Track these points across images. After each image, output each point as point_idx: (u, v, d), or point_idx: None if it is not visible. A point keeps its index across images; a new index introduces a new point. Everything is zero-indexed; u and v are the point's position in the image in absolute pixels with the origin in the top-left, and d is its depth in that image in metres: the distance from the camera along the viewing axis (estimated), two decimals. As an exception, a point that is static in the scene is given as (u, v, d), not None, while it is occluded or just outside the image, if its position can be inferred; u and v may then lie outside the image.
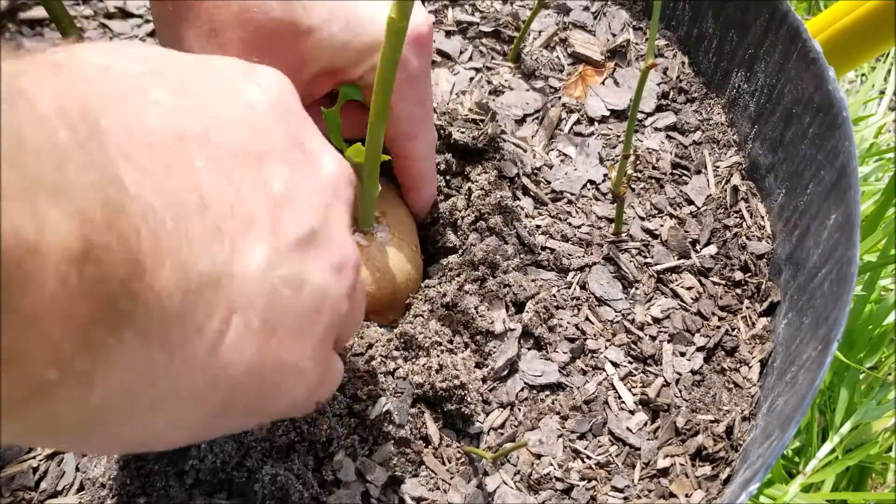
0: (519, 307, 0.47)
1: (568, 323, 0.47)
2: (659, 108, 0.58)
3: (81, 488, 0.39)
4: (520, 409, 0.44)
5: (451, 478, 0.41)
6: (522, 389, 0.44)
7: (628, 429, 0.45)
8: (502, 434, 0.43)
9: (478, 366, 0.44)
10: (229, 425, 0.29)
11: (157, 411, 0.24)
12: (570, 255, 0.49)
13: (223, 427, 0.29)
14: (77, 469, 0.40)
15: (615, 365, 0.46)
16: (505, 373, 0.44)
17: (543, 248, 0.49)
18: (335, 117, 0.42)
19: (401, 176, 0.48)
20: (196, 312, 0.24)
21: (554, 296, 0.47)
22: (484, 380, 0.44)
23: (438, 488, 0.41)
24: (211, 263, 0.24)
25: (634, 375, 0.46)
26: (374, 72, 0.36)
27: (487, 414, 0.43)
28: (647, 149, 0.55)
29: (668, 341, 0.48)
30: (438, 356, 0.42)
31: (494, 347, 0.44)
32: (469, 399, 0.41)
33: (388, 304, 0.46)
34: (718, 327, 0.49)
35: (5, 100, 0.18)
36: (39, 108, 0.19)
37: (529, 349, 0.46)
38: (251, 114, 0.28)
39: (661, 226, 0.52)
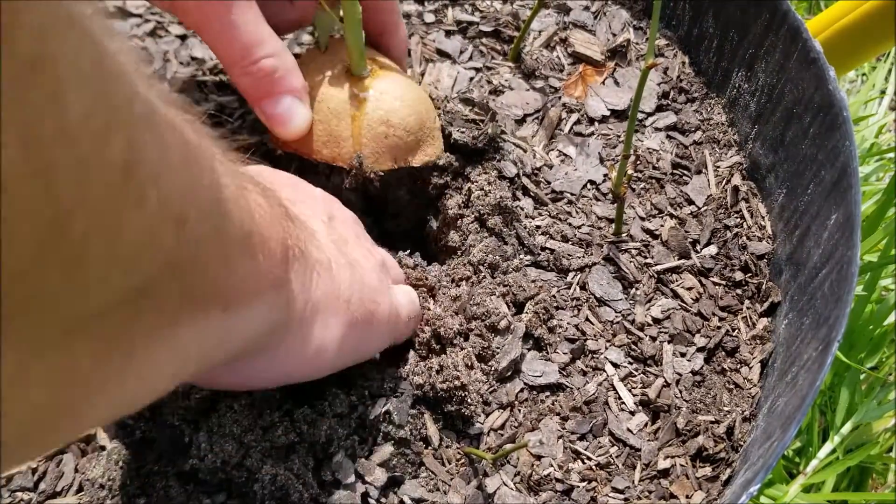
0: (519, 308, 0.46)
1: (568, 323, 0.47)
2: (659, 108, 0.57)
3: (80, 489, 0.39)
4: (520, 410, 0.44)
5: (451, 479, 0.41)
6: (522, 390, 0.44)
7: (628, 430, 0.44)
8: (502, 435, 0.43)
9: (480, 358, 0.44)
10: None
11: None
12: (570, 255, 0.49)
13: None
14: (76, 470, 0.40)
15: (615, 365, 0.46)
16: (508, 373, 0.44)
17: (543, 249, 0.49)
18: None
19: (372, 23, 0.48)
20: (313, 254, 0.34)
21: (554, 296, 0.47)
22: (486, 379, 0.44)
23: (438, 489, 0.40)
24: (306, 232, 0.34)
25: (635, 376, 0.46)
26: None
27: (487, 415, 0.43)
28: (648, 149, 0.55)
29: (669, 342, 0.48)
30: (441, 356, 0.42)
31: (498, 346, 0.44)
32: (469, 400, 0.41)
33: (421, 136, 0.46)
34: (719, 328, 0.49)
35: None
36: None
37: (529, 350, 0.46)
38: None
39: (662, 226, 0.52)
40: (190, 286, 0.23)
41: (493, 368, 0.44)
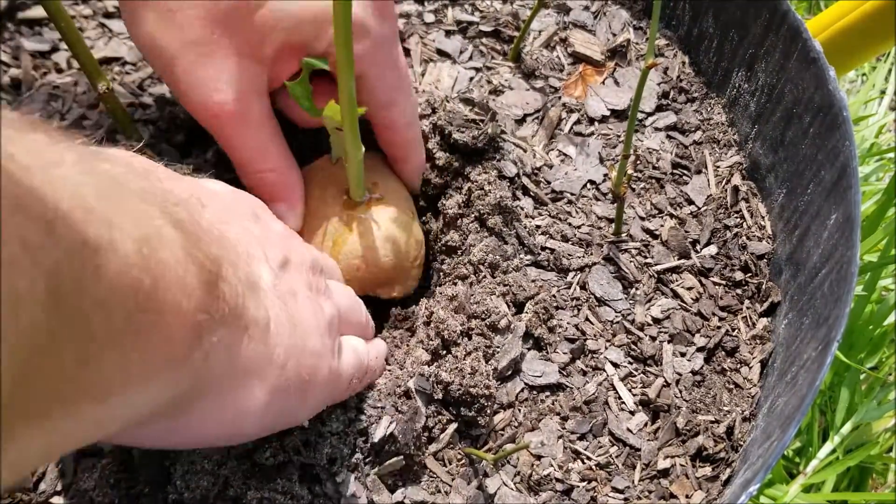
0: (519, 307, 0.46)
1: (568, 323, 0.47)
2: (659, 108, 0.57)
3: (75, 495, 0.39)
4: (520, 410, 0.44)
5: (452, 480, 0.41)
6: (522, 390, 0.44)
7: (628, 429, 0.44)
8: (502, 435, 0.43)
9: (484, 357, 0.44)
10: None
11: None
12: (569, 255, 0.49)
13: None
14: (75, 472, 0.40)
15: (615, 365, 0.46)
16: (508, 373, 0.44)
17: (543, 249, 0.49)
18: (301, 87, 0.42)
19: (387, 148, 0.48)
20: (247, 305, 0.31)
21: (554, 296, 0.47)
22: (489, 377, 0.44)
23: (439, 491, 0.40)
24: (247, 273, 0.32)
25: (634, 376, 0.46)
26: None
27: (488, 416, 0.43)
28: (648, 149, 0.55)
29: (669, 342, 0.48)
30: (464, 358, 0.42)
31: (498, 346, 0.44)
32: (488, 409, 0.42)
33: (393, 275, 0.46)
34: (719, 328, 0.49)
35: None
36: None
37: (529, 349, 0.46)
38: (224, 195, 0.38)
39: (662, 226, 0.52)
40: (45, 389, 0.20)
41: (493, 368, 0.44)
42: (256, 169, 0.44)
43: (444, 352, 0.43)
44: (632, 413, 0.45)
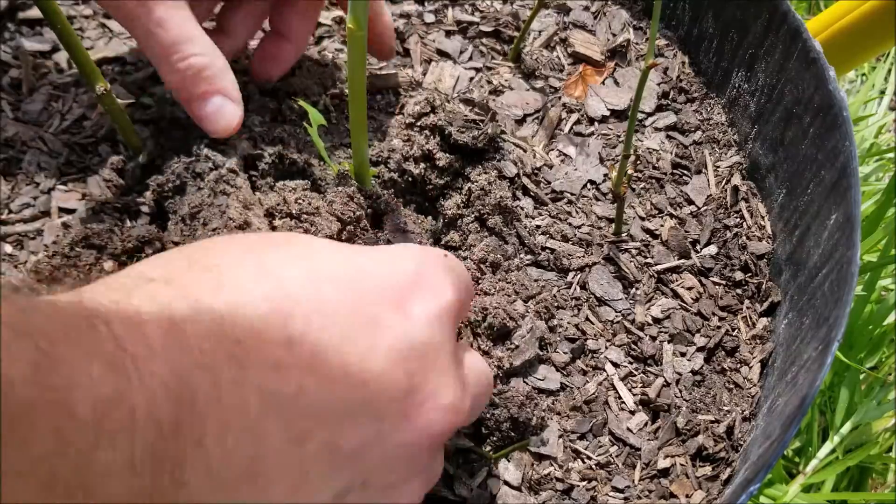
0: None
1: (568, 323, 0.47)
2: (659, 108, 0.58)
3: None
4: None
5: (453, 478, 0.41)
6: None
7: (628, 429, 0.44)
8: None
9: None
10: None
11: None
12: (570, 255, 0.49)
13: None
14: None
15: (615, 365, 0.46)
16: (515, 373, 0.44)
17: (543, 248, 0.49)
18: (317, 139, 0.44)
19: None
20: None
21: (554, 296, 0.47)
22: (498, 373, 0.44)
23: (440, 488, 0.40)
24: None
25: (635, 376, 0.46)
26: None
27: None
28: (648, 149, 0.55)
29: (669, 341, 0.48)
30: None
31: (514, 343, 0.44)
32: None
33: None
34: (719, 327, 0.49)
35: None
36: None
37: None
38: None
39: (662, 226, 0.52)
40: None
41: (505, 364, 0.43)
42: (185, 54, 0.42)
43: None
44: (632, 413, 0.45)
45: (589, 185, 0.53)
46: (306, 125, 0.44)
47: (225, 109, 0.44)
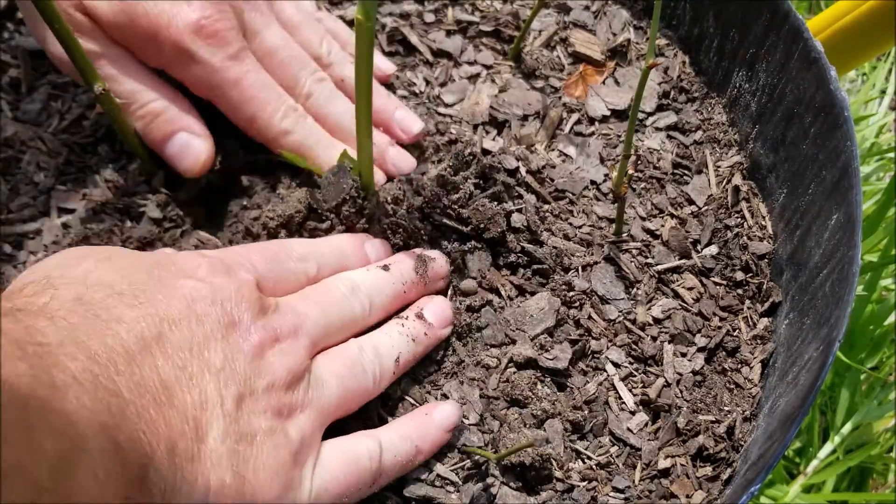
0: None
1: (571, 322, 0.47)
2: (660, 108, 0.57)
3: None
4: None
5: (454, 478, 0.41)
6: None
7: (629, 429, 0.44)
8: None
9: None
10: None
11: None
12: (571, 255, 0.49)
13: None
14: None
15: (616, 365, 0.46)
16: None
17: (544, 245, 0.49)
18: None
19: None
20: (185, 478, 0.30)
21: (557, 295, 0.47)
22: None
23: (441, 488, 0.40)
24: (186, 441, 0.30)
25: (635, 376, 0.46)
26: None
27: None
28: (648, 148, 0.55)
29: (669, 342, 0.48)
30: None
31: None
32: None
33: None
34: (719, 328, 0.49)
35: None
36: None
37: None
38: (190, 308, 0.33)
39: (662, 226, 0.52)
40: None
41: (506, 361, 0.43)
42: (142, 101, 0.45)
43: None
44: (632, 413, 0.45)
45: (589, 184, 0.53)
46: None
47: (191, 145, 0.45)
